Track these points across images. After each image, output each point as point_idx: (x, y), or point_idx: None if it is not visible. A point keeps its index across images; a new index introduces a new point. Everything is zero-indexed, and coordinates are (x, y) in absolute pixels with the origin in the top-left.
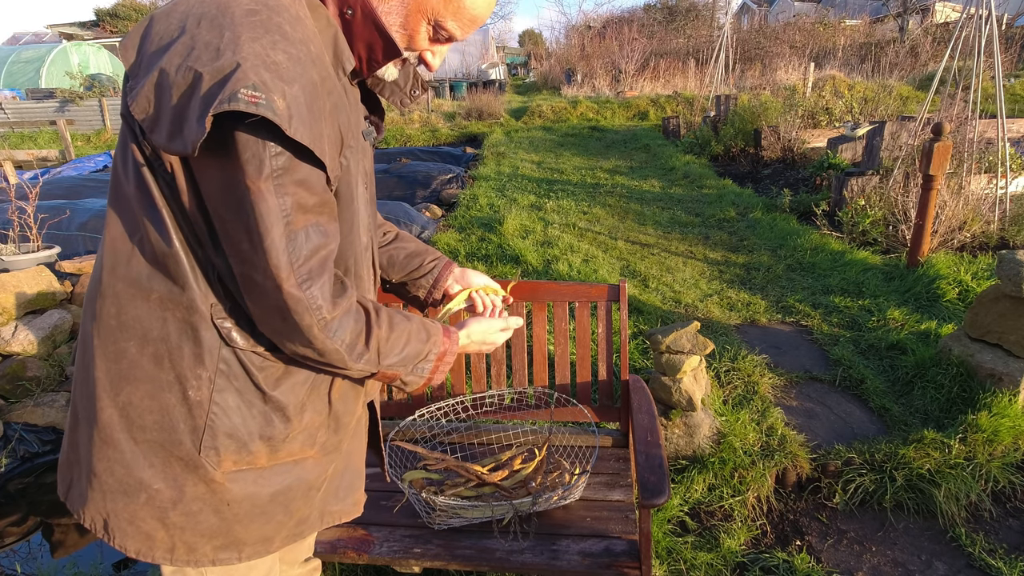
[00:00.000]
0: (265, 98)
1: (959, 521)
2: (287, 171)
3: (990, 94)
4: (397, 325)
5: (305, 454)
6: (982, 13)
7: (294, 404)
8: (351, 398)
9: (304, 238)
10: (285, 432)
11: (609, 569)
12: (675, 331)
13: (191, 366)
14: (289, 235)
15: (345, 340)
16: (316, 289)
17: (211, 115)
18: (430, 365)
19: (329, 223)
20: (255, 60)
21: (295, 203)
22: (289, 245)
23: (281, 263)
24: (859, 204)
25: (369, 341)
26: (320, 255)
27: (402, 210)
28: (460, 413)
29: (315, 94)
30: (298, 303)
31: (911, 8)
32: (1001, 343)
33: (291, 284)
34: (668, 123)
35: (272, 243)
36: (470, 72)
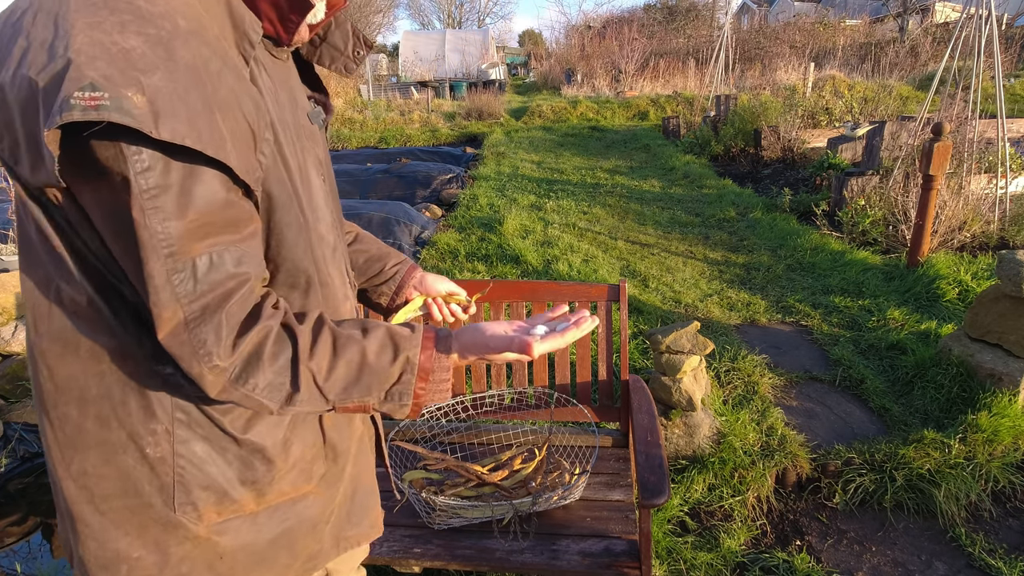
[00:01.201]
0: (110, 97)
1: (959, 521)
2: (164, 187)
3: (990, 94)
4: (346, 346)
5: (302, 491)
6: (982, 13)
7: (274, 444)
8: (346, 421)
9: (203, 267)
10: (269, 475)
11: (609, 569)
12: (675, 331)
13: (142, 421)
14: (173, 267)
15: (258, 385)
16: (208, 330)
17: (47, 133)
18: (409, 390)
19: (246, 242)
20: (92, 51)
21: (183, 226)
22: (173, 278)
23: (161, 301)
24: (859, 204)
25: (298, 379)
26: (225, 287)
27: (402, 210)
28: (460, 413)
29: (194, 79)
30: (181, 348)
31: (911, 8)
32: (1001, 343)
33: (173, 326)
34: (668, 123)
35: (149, 277)
36: (470, 72)
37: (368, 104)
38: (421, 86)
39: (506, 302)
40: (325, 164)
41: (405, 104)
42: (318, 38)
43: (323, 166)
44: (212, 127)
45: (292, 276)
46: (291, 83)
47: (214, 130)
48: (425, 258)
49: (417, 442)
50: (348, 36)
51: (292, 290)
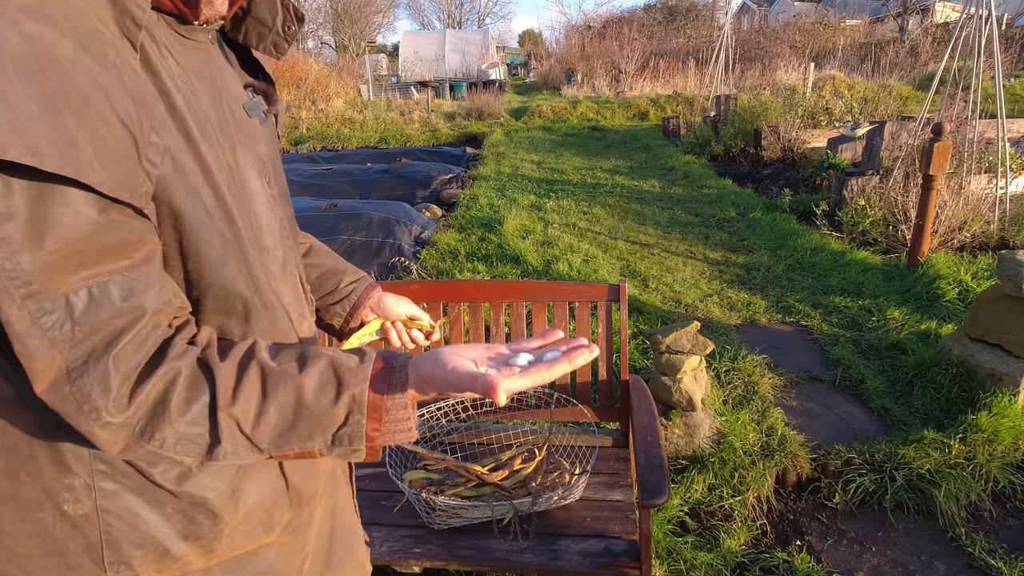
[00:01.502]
0: None
1: (959, 521)
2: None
3: (990, 94)
4: (278, 384)
5: (260, 542)
6: (982, 13)
7: (218, 495)
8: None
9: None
10: (216, 529)
11: (609, 569)
12: (675, 331)
13: (55, 476)
14: (38, 308)
15: (167, 440)
16: (92, 380)
17: None
18: (359, 432)
19: (137, 269)
20: None
21: (42, 259)
22: (42, 320)
23: (29, 349)
24: (859, 204)
25: (218, 428)
26: (112, 327)
27: (402, 210)
28: (460, 413)
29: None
30: (64, 403)
31: (911, 8)
32: (1001, 343)
33: (52, 378)
34: (668, 123)
35: (7, 323)
36: (470, 72)
37: (368, 104)
38: (421, 86)
39: (506, 302)
40: (271, 164)
41: (405, 104)
42: (241, 11)
43: (267, 166)
44: (56, 134)
45: (224, 302)
46: (213, 69)
47: (59, 138)
48: (425, 258)
49: (417, 442)
50: (276, 8)
51: (228, 318)
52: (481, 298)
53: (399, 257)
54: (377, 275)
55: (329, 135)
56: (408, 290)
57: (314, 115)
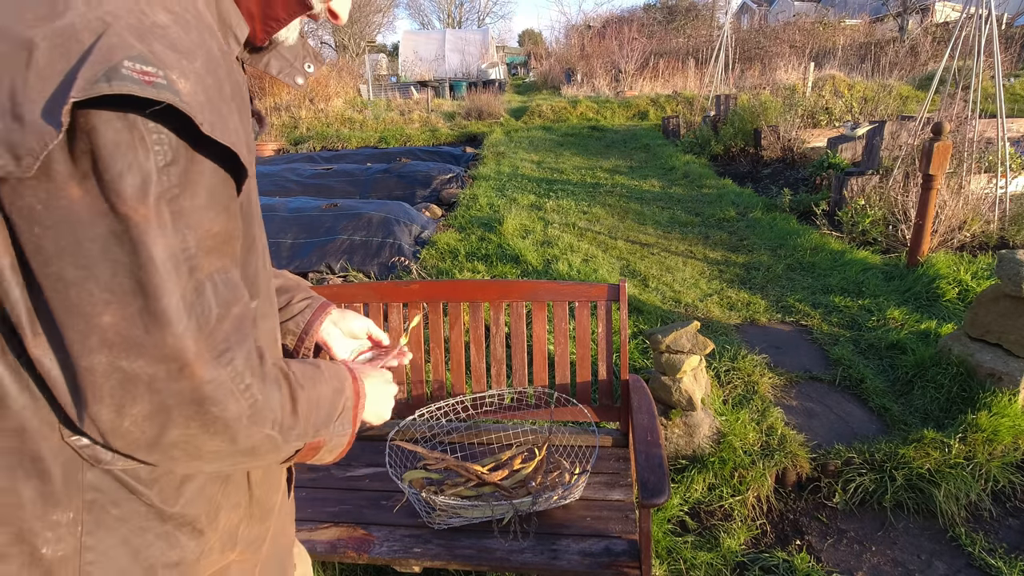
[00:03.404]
0: (163, 76)
1: (959, 521)
2: (183, 186)
3: (990, 94)
4: (311, 377)
5: (226, 559)
6: (982, 13)
7: (205, 512)
8: (274, 474)
9: (212, 290)
10: (199, 549)
11: (609, 569)
12: (675, 331)
13: (38, 514)
14: (196, 287)
15: (277, 420)
16: (241, 361)
17: (73, 102)
18: (349, 417)
19: (234, 265)
20: (129, 17)
21: (200, 239)
22: (196, 303)
23: (187, 332)
24: (859, 204)
25: (297, 409)
26: (235, 312)
27: (402, 210)
28: (460, 413)
29: (219, 72)
30: (219, 389)
31: (911, 8)
32: (1001, 343)
33: (205, 363)
34: (668, 123)
35: (170, 305)
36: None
37: (368, 104)
38: (421, 86)
39: (506, 302)
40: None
41: (405, 104)
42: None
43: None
44: (236, 129)
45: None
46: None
47: (237, 132)
48: (425, 258)
49: (417, 442)
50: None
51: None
52: (481, 298)
53: (399, 257)
54: (377, 275)
55: (329, 135)
56: (408, 290)
57: (314, 115)
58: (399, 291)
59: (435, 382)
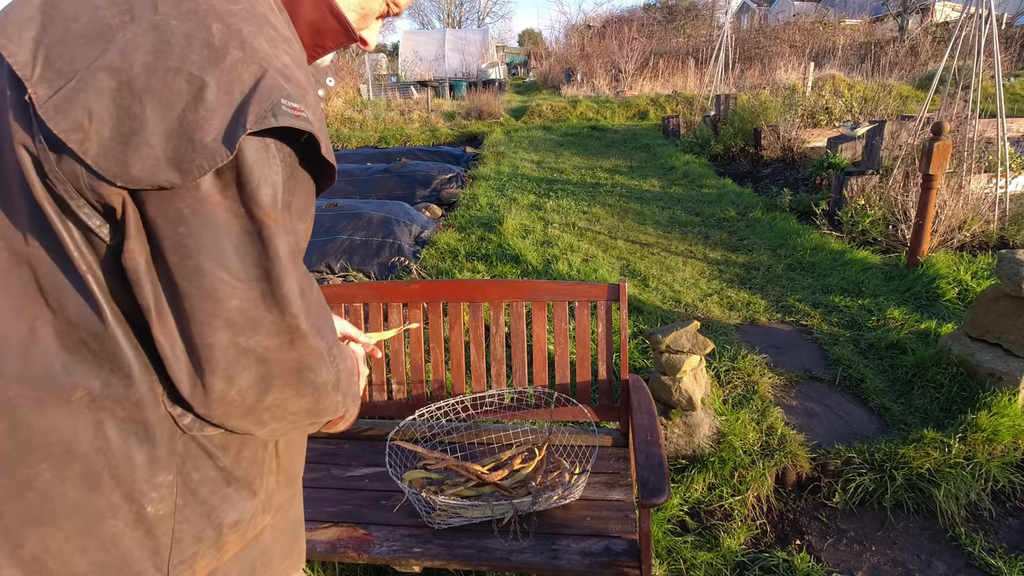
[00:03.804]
0: (303, 111)
1: (959, 520)
2: (294, 196)
3: (990, 93)
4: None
5: (265, 522)
6: (982, 12)
7: (257, 475)
8: (296, 444)
9: (306, 278)
10: (252, 509)
11: (609, 568)
12: (675, 331)
13: (147, 477)
14: (300, 278)
15: (342, 386)
16: (330, 336)
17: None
18: (355, 383)
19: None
20: (274, 63)
21: (300, 238)
22: (305, 289)
23: (301, 313)
24: (859, 204)
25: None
26: (317, 297)
27: (402, 210)
28: (460, 413)
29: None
30: (318, 358)
31: (911, 7)
32: (1001, 342)
33: (312, 336)
34: (668, 123)
35: (291, 290)
36: (470, 72)
37: (368, 104)
38: (421, 86)
39: (506, 301)
40: None
41: (405, 104)
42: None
43: None
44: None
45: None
46: None
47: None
48: (425, 257)
49: (417, 442)
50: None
51: None
52: (481, 297)
53: (399, 257)
54: (377, 275)
55: (328, 135)
56: (408, 290)
57: None
58: (399, 291)
59: (435, 382)
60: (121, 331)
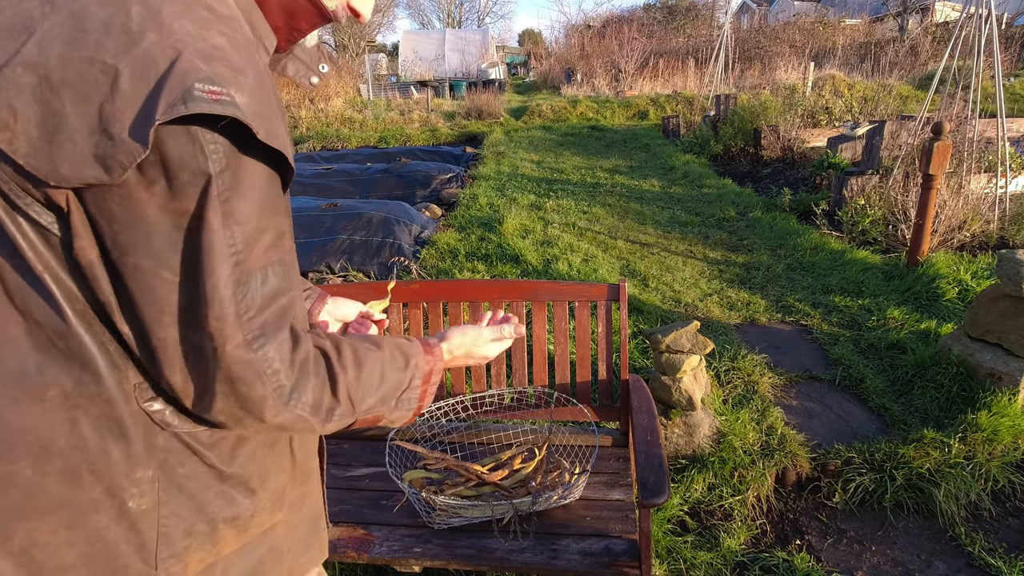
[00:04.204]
0: (227, 93)
1: (959, 520)
2: (234, 188)
3: (990, 93)
4: (366, 359)
5: (275, 520)
6: (982, 12)
7: (256, 473)
8: (311, 439)
9: (259, 282)
10: (252, 507)
11: (609, 568)
12: (675, 330)
13: (125, 471)
14: (239, 278)
15: (308, 403)
16: (272, 349)
17: (159, 123)
18: (416, 394)
19: (290, 258)
20: (196, 44)
21: (247, 235)
22: (238, 291)
23: (226, 315)
24: (859, 203)
25: (337, 391)
26: (279, 303)
27: (402, 210)
28: (460, 413)
29: (266, 84)
30: (247, 368)
31: (911, 7)
32: (1001, 342)
33: (237, 344)
34: (668, 122)
35: (215, 288)
36: (470, 72)
37: (368, 104)
38: (421, 86)
39: (506, 301)
40: None
41: (405, 104)
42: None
43: None
44: (283, 133)
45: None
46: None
47: (285, 136)
48: (425, 257)
49: (417, 442)
50: (314, 51)
51: None
52: (481, 298)
53: (399, 256)
54: (377, 275)
55: (329, 135)
56: (408, 290)
57: (313, 115)
58: (399, 291)
59: None
60: (84, 328)
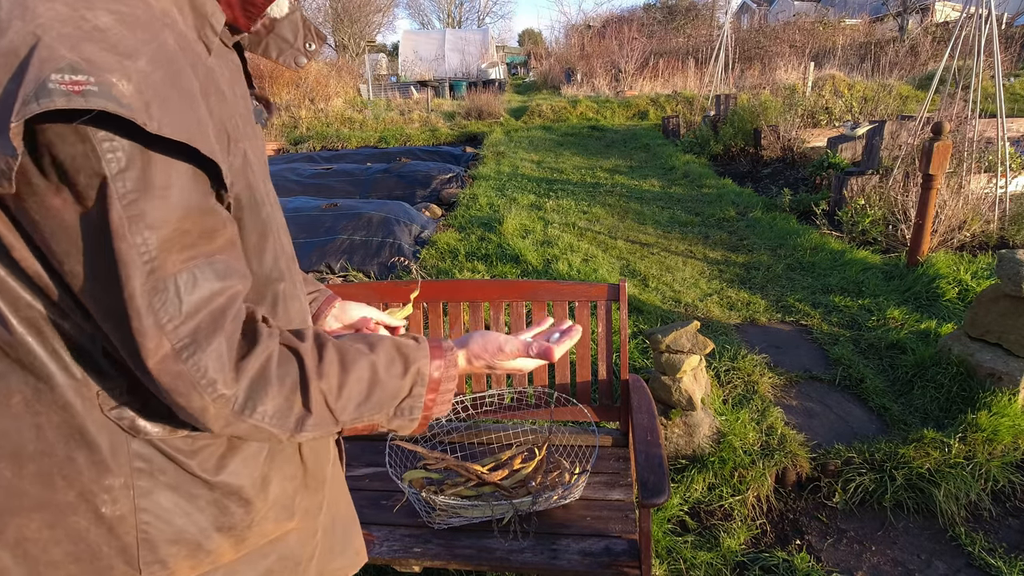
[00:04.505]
0: (96, 82)
1: (959, 520)
2: (143, 190)
3: (990, 93)
4: (354, 362)
5: (284, 528)
6: (982, 12)
7: (252, 482)
8: (324, 445)
9: (185, 285)
10: (248, 518)
11: (609, 568)
12: (675, 330)
13: (93, 478)
14: (155, 286)
15: (268, 412)
16: (206, 357)
17: (14, 125)
18: (418, 403)
19: (229, 252)
20: (62, 28)
21: (164, 239)
22: (155, 300)
23: (145, 328)
24: (859, 203)
25: (309, 400)
26: (214, 306)
27: (402, 210)
28: (460, 413)
29: (178, 68)
30: (176, 380)
31: (911, 7)
32: (1001, 342)
33: (160, 356)
34: (668, 122)
35: (131, 298)
36: (470, 72)
37: (368, 104)
38: (421, 86)
39: (506, 302)
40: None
41: (405, 104)
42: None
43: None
44: (200, 122)
45: (256, 291)
46: (241, 76)
47: (202, 125)
48: (425, 257)
49: (417, 442)
50: (298, 28)
51: (258, 306)
52: (481, 298)
53: (399, 257)
54: (377, 275)
55: (329, 135)
56: (408, 290)
57: (314, 115)
58: (399, 291)
59: None
60: (33, 336)
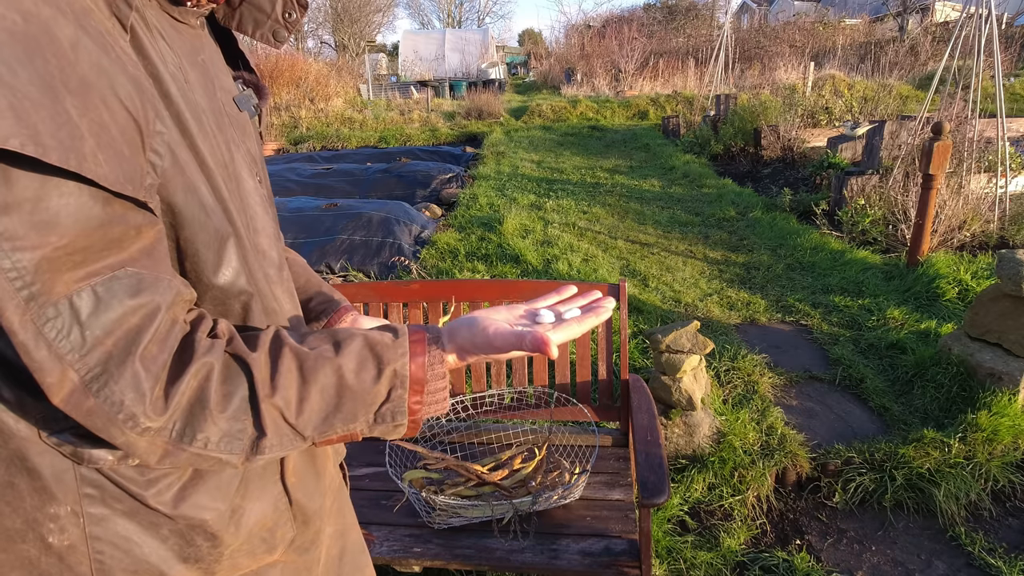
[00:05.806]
0: None
1: (959, 520)
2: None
3: (990, 93)
4: (316, 369)
5: (263, 562)
6: (982, 12)
7: (218, 516)
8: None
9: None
10: (216, 552)
11: (609, 568)
12: (675, 330)
13: (37, 506)
14: (40, 313)
15: (211, 438)
16: (120, 388)
17: None
18: (402, 407)
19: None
20: None
21: (43, 257)
22: (47, 329)
23: (40, 361)
24: (859, 203)
25: (261, 420)
26: (128, 326)
27: (402, 210)
28: (460, 413)
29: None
30: (91, 416)
31: (911, 7)
32: (1001, 342)
33: (68, 392)
34: (668, 122)
35: (14, 334)
36: (470, 72)
37: (368, 103)
38: (421, 85)
39: (506, 301)
40: (259, 162)
41: (405, 104)
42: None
43: (256, 164)
44: (59, 121)
45: (222, 304)
46: (205, 57)
47: (61, 126)
48: (425, 257)
49: (417, 442)
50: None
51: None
52: (481, 298)
53: (399, 256)
54: (377, 274)
55: (329, 134)
56: (408, 290)
57: (313, 114)
58: (399, 291)
59: None
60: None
